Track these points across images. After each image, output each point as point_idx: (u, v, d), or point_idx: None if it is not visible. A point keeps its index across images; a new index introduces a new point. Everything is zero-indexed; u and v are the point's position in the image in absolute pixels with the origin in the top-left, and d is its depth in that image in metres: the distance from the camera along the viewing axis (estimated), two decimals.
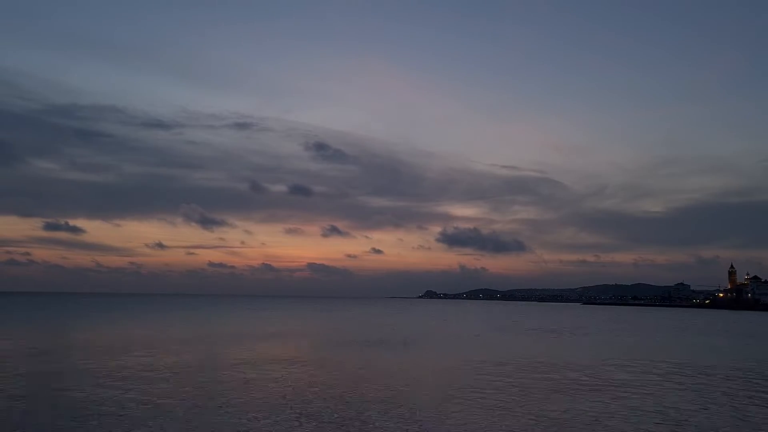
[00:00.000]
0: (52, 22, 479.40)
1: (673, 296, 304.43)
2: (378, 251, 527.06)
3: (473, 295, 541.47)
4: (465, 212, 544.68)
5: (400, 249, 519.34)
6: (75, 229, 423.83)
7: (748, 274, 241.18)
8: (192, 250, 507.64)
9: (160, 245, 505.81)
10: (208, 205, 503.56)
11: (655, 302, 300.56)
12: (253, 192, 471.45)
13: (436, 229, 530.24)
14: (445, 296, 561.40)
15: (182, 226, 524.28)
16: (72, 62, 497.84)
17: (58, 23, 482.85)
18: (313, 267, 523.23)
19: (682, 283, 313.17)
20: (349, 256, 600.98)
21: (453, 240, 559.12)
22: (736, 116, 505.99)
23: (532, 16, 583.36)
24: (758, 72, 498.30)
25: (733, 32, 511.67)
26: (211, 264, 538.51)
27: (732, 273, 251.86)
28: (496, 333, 59.93)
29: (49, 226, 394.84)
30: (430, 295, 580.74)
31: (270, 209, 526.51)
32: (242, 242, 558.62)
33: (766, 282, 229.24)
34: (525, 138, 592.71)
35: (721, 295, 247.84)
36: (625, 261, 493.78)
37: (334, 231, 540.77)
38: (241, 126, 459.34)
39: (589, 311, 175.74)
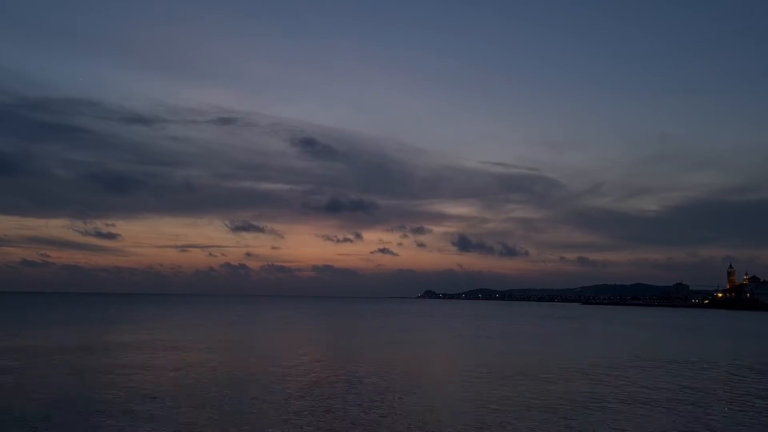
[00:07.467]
0: (18, 13, 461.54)
1: (672, 296, 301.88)
2: (376, 251, 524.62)
3: (472, 294, 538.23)
4: (458, 211, 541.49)
5: (398, 248, 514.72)
6: (59, 228, 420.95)
7: (747, 274, 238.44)
8: (188, 249, 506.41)
9: (153, 245, 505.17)
10: (200, 204, 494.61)
11: (654, 302, 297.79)
12: (243, 190, 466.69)
13: (433, 228, 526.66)
14: (444, 296, 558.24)
15: (174, 226, 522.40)
16: (40, 54, 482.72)
17: (26, 14, 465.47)
18: (315, 268, 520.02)
19: (680, 283, 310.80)
20: (348, 255, 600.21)
21: (451, 239, 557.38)
22: (733, 110, 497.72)
23: (524, 11, 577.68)
24: (756, 65, 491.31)
25: (731, 23, 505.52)
26: (210, 265, 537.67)
27: (731, 273, 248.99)
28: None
29: (35, 225, 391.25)
30: (429, 294, 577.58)
31: (261, 208, 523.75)
32: (236, 241, 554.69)
33: (765, 282, 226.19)
34: (516, 134, 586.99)
35: (720, 294, 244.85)
36: (623, 260, 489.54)
37: (330, 231, 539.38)
38: (225, 121, 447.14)
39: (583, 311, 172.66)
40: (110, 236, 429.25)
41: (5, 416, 16.44)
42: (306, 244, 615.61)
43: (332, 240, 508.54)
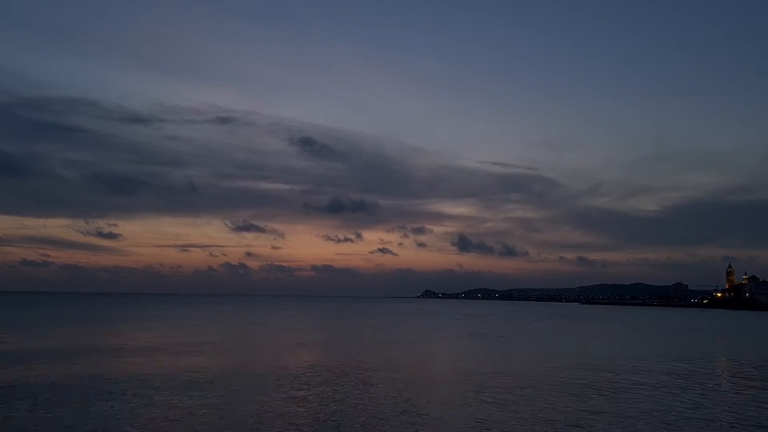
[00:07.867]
0: (18, 13, 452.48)
1: (671, 296, 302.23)
2: (376, 251, 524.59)
3: (471, 294, 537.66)
4: (458, 210, 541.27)
5: (398, 248, 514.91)
6: (60, 228, 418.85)
7: (746, 274, 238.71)
8: (188, 249, 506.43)
9: (152, 245, 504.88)
10: (200, 204, 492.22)
11: (653, 302, 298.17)
12: (242, 190, 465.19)
13: (433, 228, 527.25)
14: (444, 296, 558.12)
15: (174, 225, 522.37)
16: (39, 54, 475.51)
17: (26, 14, 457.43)
18: (315, 268, 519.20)
19: (680, 283, 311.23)
20: (347, 255, 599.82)
21: (451, 239, 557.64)
22: (733, 110, 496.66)
23: (522, 13, 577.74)
24: (755, 65, 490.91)
25: (729, 24, 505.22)
26: (210, 264, 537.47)
27: (730, 273, 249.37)
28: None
29: (35, 225, 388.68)
30: (429, 294, 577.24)
31: (261, 208, 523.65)
32: (236, 241, 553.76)
33: (764, 282, 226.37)
34: (515, 134, 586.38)
35: (719, 294, 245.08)
36: (622, 260, 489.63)
37: (330, 231, 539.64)
38: (223, 120, 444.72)
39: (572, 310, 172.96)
40: (111, 236, 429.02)
41: None
42: (306, 244, 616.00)
43: (332, 240, 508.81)
